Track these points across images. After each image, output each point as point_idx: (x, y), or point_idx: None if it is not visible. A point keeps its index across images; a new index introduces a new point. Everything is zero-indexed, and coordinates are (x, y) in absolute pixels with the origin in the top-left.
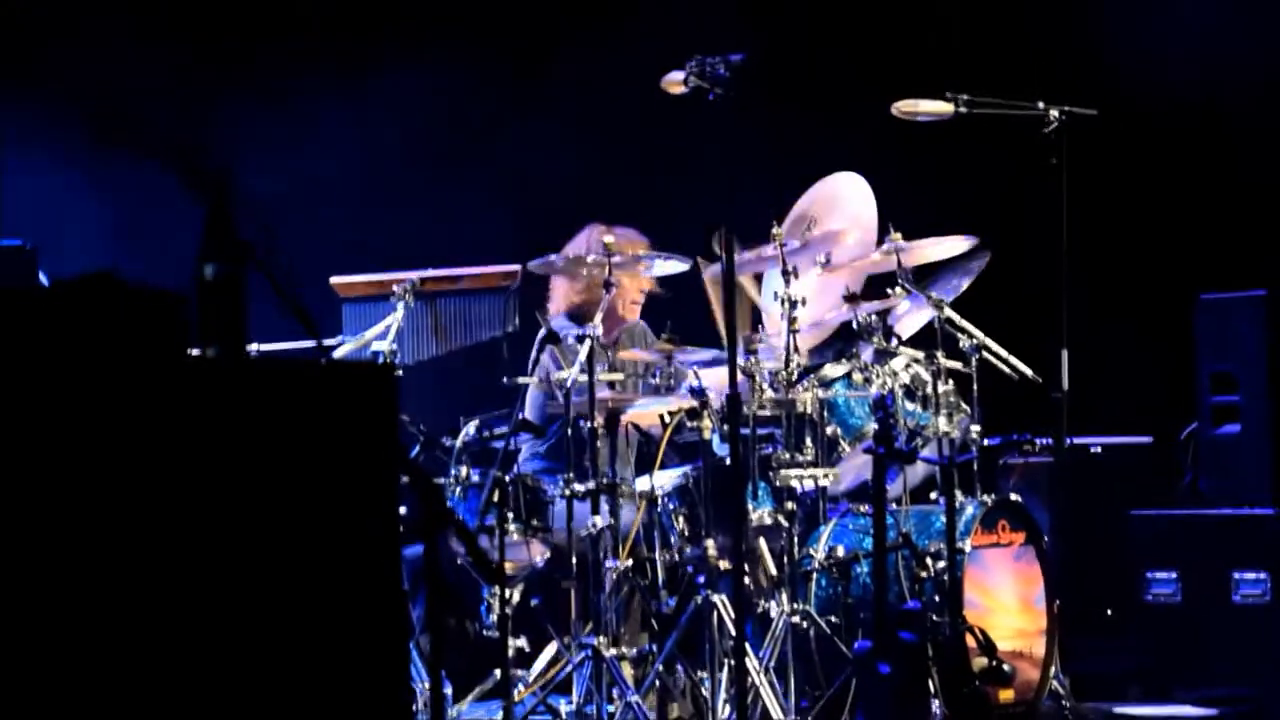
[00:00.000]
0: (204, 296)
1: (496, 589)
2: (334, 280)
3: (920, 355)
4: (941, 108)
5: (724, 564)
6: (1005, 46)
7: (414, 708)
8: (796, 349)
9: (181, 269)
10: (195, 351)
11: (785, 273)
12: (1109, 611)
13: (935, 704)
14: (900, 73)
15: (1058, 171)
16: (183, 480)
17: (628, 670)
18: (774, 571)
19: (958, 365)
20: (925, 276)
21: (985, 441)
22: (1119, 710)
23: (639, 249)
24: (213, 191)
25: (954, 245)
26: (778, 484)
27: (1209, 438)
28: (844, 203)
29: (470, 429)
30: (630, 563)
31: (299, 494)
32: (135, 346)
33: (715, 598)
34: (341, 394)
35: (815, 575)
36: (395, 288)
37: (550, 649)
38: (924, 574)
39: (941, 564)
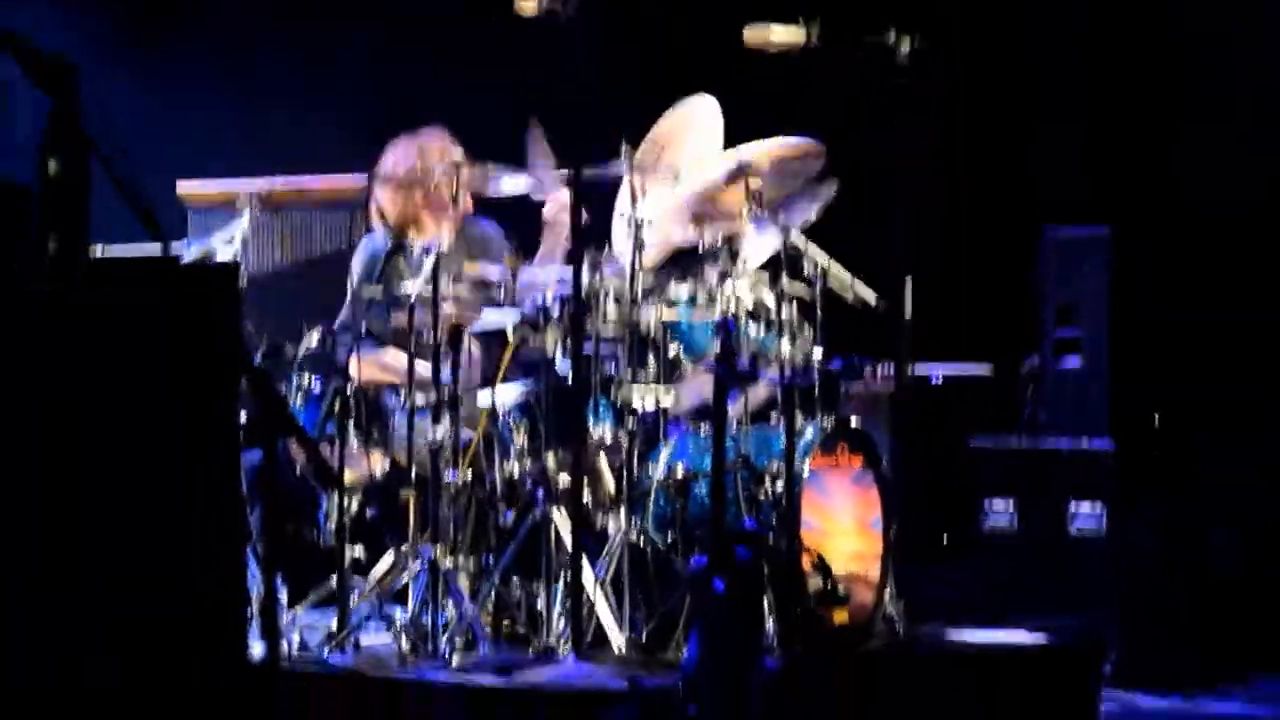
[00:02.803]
0: (46, 190)
1: (335, 498)
2: (180, 188)
3: (764, 278)
4: (792, 36)
5: (563, 480)
6: None
7: (248, 612)
8: (641, 268)
9: (23, 160)
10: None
11: (632, 193)
12: (946, 539)
13: (769, 623)
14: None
15: (908, 101)
16: (17, 374)
17: (464, 582)
18: (612, 488)
19: (802, 289)
20: (774, 203)
21: (827, 365)
22: (952, 635)
23: (453, 147)
24: (57, 84)
25: (797, 146)
26: (618, 402)
27: (1050, 370)
28: (696, 126)
29: (313, 339)
30: (469, 475)
31: (138, 392)
32: None
33: (553, 513)
34: (183, 294)
35: (653, 493)
36: (241, 197)
37: (387, 558)
38: (762, 494)
39: (780, 485)
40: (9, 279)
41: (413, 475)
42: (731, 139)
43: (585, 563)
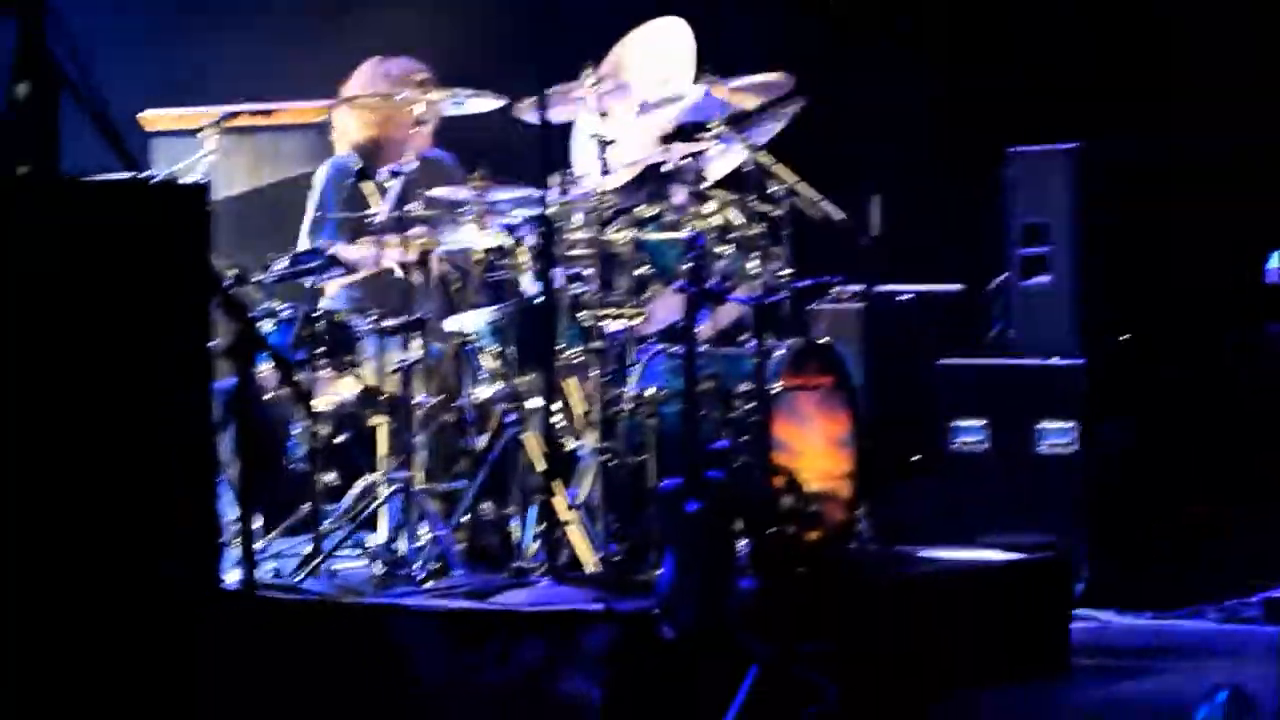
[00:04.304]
0: (16, 114)
1: (307, 424)
2: (143, 114)
3: (732, 198)
4: None
5: (533, 402)
6: None
7: (222, 540)
8: (608, 189)
9: None
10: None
11: (601, 113)
12: (916, 458)
13: (742, 544)
14: None
15: (877, 19)
16: None
17: (437, 506)
18: (583, 411)
19: (769, 208)
20: (740, 121)
21: (796, 284)
22: (923, 554)
23: (430, 82)
24: (23, 6)
25: (770, 82)
26: (588, 324)
27: (1018, 288)
28: (662, 44)
29: (281, 264)
30: (440, 399)
31: (110, 315)
32: None
33: (524, 436)
34: (153, 215)
35: (624, 415)
36: (205, 122)
37: (360, 484)
38: (732, 415)
39: (750, 405)
40: None
41: (383, 400)
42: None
43: (557, 486)
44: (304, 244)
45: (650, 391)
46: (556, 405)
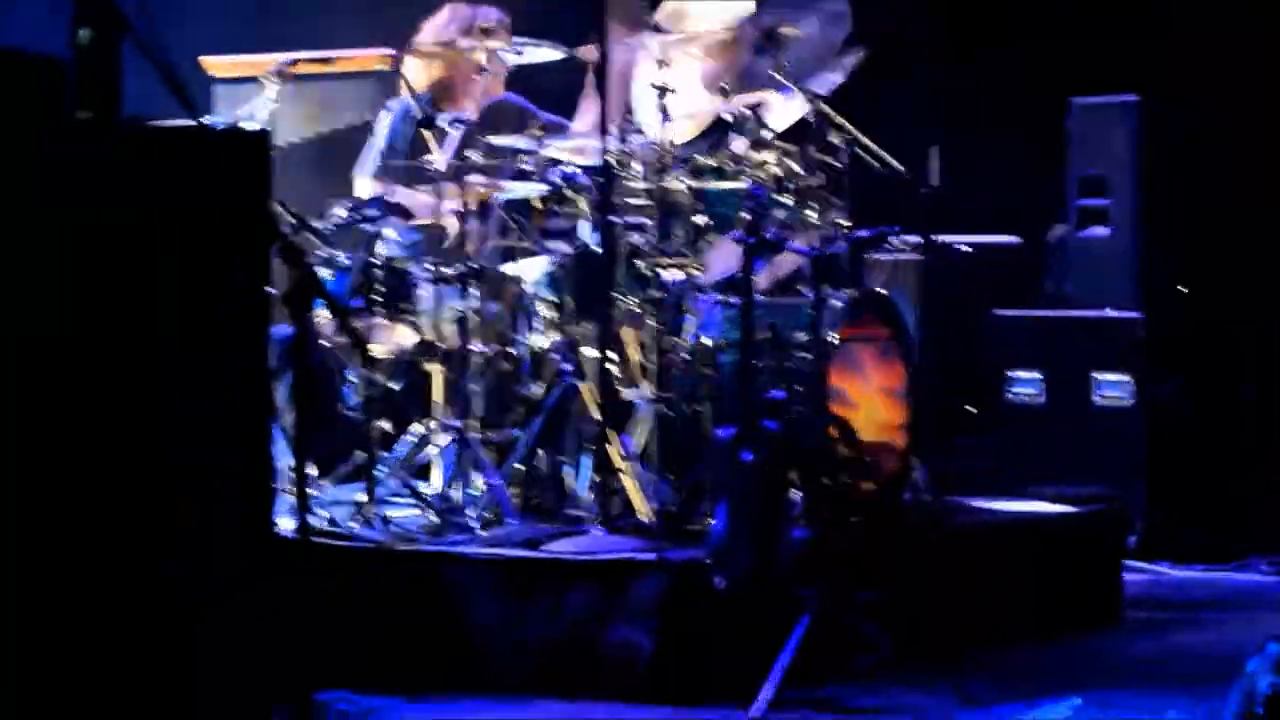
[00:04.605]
0: (79, 61)
1: (363, 371)
2: (204, 60)
3: (792, 148)
4: None
5: (589, 352)
6: None
7: (276, 486)
8: (669, 139)
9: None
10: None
11: (660, 61)
12: (971, 410)
13: (795, 493)
14: None
15: None
16: (49, 243)
17: (491, 455)
18: (639, 360)
19: (829, 159)
20: (800, 72)
21: (854, 235)
22: (977, 505)
23: (503, 29)
24: None
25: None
26: (646, 273)
27: (1076, 240)
28: None
29: (339, 212)
30: (496, 348)
31: (167, 261)
32: (16, 110)
33: (580, 385)
34: (214, 162)
35: (681, 364)
36: (266, 70)
37: (415, 432)
38: (789, 365)
39: (807, 355)
40: (42, 150)
41: (439, 348)
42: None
43: (612, 435)
44: (365, 188)
45: (707, 341)
46: (613, 354)
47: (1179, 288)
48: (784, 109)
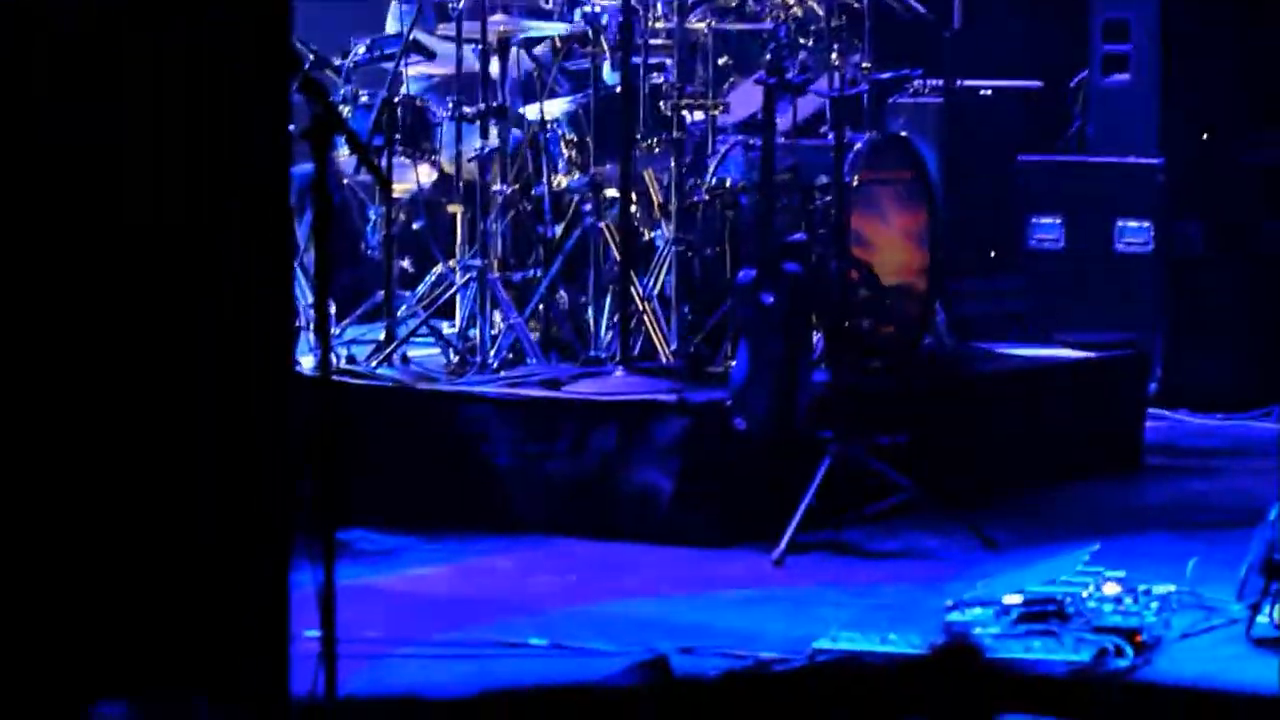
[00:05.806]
0: None
1: (383, 210)
2: None
3: None
4: None
5: (611, 192)
6: None
7: (297, 324)
8: None
9: None
10: None
11: None
12: (992, 254)
13: (816, 336)
14: None
15: None
16: (69, 79)
17: (512, 294)
18: (660, 201)
19: (851, 1)
20: None
21: (875, 78)
22: (998, 350)
23: None
24: None
25: None
26: (668, 114)
27: (1098, 86)
28: None
29: (360, 50)
30: (517, 187)
31: (188, 95)
32: None
33: (601, 225)
34: None
35: (702, 206)
36: None
37: (435, 271)
38: (810, 207)
39: (828, 198)
40: None
41: (459, 187)
42: None
43: (633, 275)
44: (388, 27)
45: (728, 182)
46: (634, 195)
47: (1199, 132)
48: None
